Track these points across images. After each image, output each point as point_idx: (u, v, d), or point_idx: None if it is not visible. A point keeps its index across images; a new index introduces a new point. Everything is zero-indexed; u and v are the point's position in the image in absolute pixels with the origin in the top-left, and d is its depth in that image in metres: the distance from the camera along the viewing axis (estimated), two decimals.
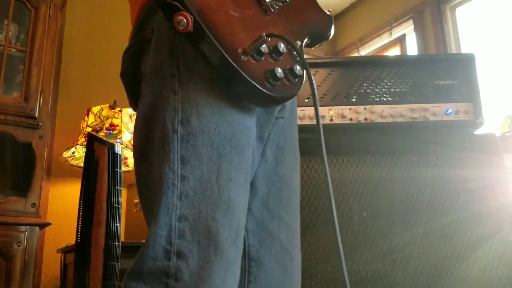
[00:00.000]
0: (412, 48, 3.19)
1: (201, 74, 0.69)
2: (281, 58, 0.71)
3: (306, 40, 0.83)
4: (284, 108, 0.85)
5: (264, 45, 0.68)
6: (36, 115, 2.11)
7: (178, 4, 0.64)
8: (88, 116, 2.36)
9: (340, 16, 3.90)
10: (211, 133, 0.68)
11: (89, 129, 2.29)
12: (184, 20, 0.63)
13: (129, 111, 2.41)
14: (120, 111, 2.35)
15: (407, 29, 3.30)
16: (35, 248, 1.98)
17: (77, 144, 2.30)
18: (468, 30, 2.94)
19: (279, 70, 0.69)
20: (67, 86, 2.83)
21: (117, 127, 2.30)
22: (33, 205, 2.02)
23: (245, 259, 0.78)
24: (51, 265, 2.53)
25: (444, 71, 1.44)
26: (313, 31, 0.86)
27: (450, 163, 1.33)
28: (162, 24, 0.73)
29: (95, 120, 2.33)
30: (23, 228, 1.96)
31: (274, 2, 0.77)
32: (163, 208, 0.65)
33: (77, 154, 2.42)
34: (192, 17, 0.64)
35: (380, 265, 1.26)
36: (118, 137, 2.26)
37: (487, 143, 1.35)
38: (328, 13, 0.90)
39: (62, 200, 2.66)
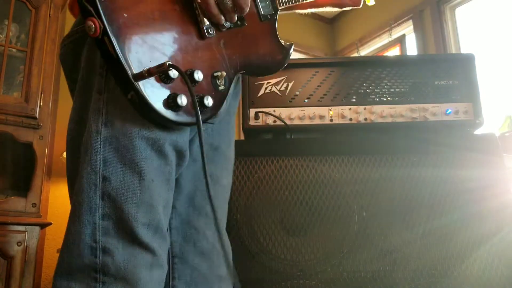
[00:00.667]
0: (412, 48, 3.20)
1: None
2: (197, 84, 0.71)
3: (242, 71, 0.81)
4: (216, 115, 0.84)
5: (172, 71, 0.66)
6: (37, 115, 2.11)
7: (91, 9, 0.63)
8: None
9: (340, 16, 3.90)
10: (134, 136, 0.69)
11: None
12: (93, 25, 0.63)
13: None
14: None
15: (407, 29, 3.30)
16: (36, 248, 1.98)
17: None
18: (468, 30, 2.94)
19: (183, 98, 0.67)
20: (67, 86, 2.83)
21: None
22: (34, 205, 2.02)
23: (169, 256, 0.79)
24: (52, 265, 2.53)
25: (444, 71, 1.44)
26: (259, 62, 0.84)
27: (450, 163, 1.33)
28: None
29: None
30: (23, 228, 1.96)
31: (211, 28, 0.76)
32: (86, 207, 0.67)
33: None
34: (102, 26, 0.63)
35: (380, 265, 1.26)
36: None
37: (487, 143, 1.35)
38: (286, 44, 0.88)
39: (63, 200, 2.66)
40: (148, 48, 0.67)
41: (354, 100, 1.42)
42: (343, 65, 1.46)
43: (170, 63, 0.65)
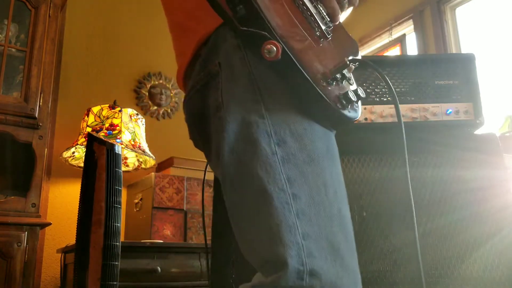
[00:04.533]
0: (412, 48, 3.19)
1: (284, 97, 0.72)
2: (344, 83, 0.76)
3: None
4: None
5: (345, 70, 0.74)
6: (36, 115, 2.11)
7: (266, 34, 0.68)
8: (88, 116, 2.36)
9: None
10: (308, 149, 0.69)
11: (89, 129, 2.29)
12: (274, 48, 0.67)
13: (129, 111, 2.41)
14: (120, 111, 2.35)
15: (407, 29, 3.30)
16: (35, 248, 1.98)
17: (77, 144, 2.30)
18: (468, 30, 2.94)
19: (352, 94, 0.74)
20: (67, 86, 2.83)
21: (117, 127, 2.30)
22: (33, 205, 2.02)
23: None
24: (51, 265, 2.53)
25: (444, 71, 1.44)
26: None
27: (450, 163, 1.32)
28: (233, 55, 0.75)
29: (95, 120, 2.33)
30: (23, 228, 1.96)
31: (328, 29, 0.82)
32: (285, 227, 0.63)
33: (77, 154, 2.42)
34: (281, 46, 0.68)
35: (380, 265, 1.26)
36: (118, 137, 2.26)
37: (487, 143, 1.35)
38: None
39: (62, 200, 2.66)
40: (311, 57, 0.74)
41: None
42: None
43: (349, 58, 0.72)
